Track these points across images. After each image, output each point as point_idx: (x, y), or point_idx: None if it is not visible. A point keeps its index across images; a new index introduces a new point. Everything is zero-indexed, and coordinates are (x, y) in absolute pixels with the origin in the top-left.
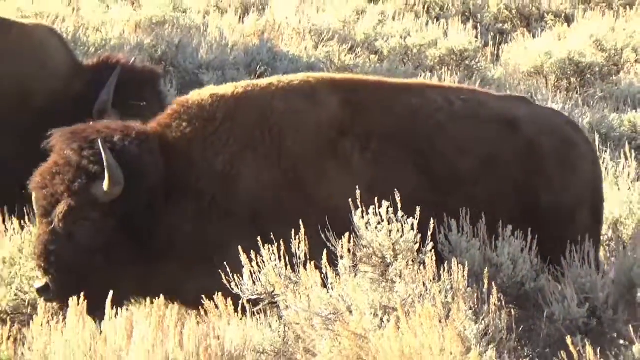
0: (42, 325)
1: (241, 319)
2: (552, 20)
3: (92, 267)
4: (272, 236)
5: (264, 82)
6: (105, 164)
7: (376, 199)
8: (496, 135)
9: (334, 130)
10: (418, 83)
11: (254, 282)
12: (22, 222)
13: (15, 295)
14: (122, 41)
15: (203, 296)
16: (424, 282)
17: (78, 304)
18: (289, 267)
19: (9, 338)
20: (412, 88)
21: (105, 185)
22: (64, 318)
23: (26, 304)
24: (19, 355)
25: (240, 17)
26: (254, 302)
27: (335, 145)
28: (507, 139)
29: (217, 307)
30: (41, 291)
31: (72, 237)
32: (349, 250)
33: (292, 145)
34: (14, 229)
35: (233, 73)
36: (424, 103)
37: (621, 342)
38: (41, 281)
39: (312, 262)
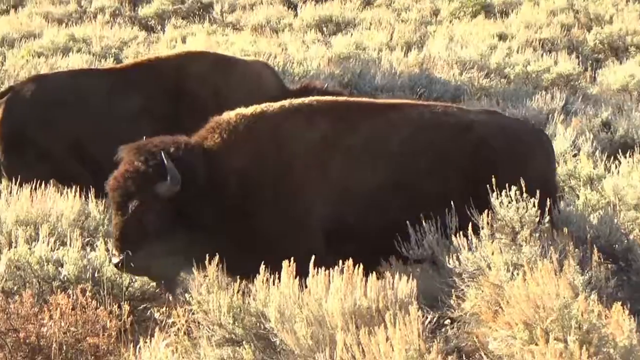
0: (262, 282)
1: (409, 275)
2: (634, 50)
3: (155, 247)
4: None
5: (279, 104)
6: (167, 169)
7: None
8: (452, 137)
9: (325, 142)
10: (402, 102)
11: (418, 247)
12: None
13: None
14: (318, 72)
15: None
16: (543, 245)
17: (289, 265)
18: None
19: (238, 291)
20: (395, 106)
21: (168, 184)
22: (279, 277)
23: None
24: (246, 304)
25: (404, 53)
26: (418, 262)
27: (325, 154)
28: (461, 140)
29: (390, 265)
30: (118, 266)
31: (140, 224)
32: (487, 223)
33: (292, 154)
34: None
35: (400, 94)
36: (401, 117)
37: None
38: (117, 258)
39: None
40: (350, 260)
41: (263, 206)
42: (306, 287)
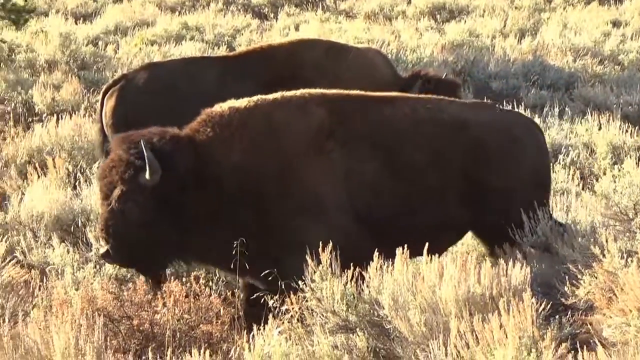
0: (376, 269)
1: (523, 262)
2: None
3: (139, 237)
4: (270, 214)
5: (271, 96)
6: (146, 159)
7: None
8: (447, 134)
9: (321, 133)
10: (394, 96)
11: (532, 234)
12: None
13: None
14: (431, 59)
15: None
16: None
17: (402, 252)
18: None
19: (352, 278)
20: (387, 100)
21: (147, 174)
22: (392, 264)
23: None
24: (360, 291)
25: (518, 40)
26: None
27: (321, 144)
28: (456, 136)
29: (504, 252)
30: (104, 256)
31: (124, 214)
32: (601, 214)
33: (287, 145)
34: None
35: (513, 81)
36: (394, 111)
37: None
38: (103, 248)
39: None
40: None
41: (270, 199)
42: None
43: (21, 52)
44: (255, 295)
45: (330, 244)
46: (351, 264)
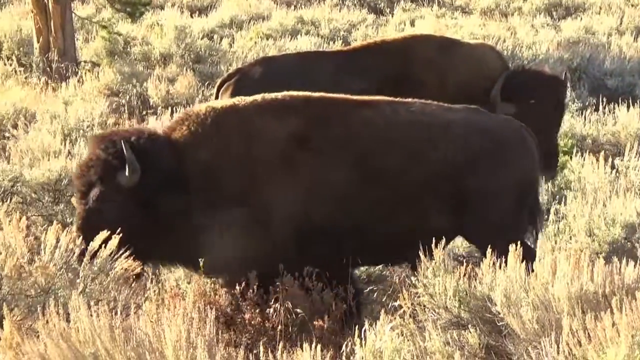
0: (489, 265)
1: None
2: None
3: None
4: (237, 219)
5: (251, 98)
6: (126, 159)
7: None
8: (429, 136)
9: (292, 142)
10: (378, 99)
11: None
12: None
13: (469, 245)
14: (547, 56)
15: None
16: None
17: (515, 249)
18: None
19: (464, 275)
20: (370, 103)
21: (126, 173)
22: (506, 261)
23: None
24: (472, 287)
25: (634, 38)
26: None
27: (291, 153)
28: (439, 139)
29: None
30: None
31: (102, 213)
32: None
33: (255, 151)
34: None
35: (629, 79)
36: (374, 114)
37: None
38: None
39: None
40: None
41: (227, 202)
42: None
43: (136, 45)
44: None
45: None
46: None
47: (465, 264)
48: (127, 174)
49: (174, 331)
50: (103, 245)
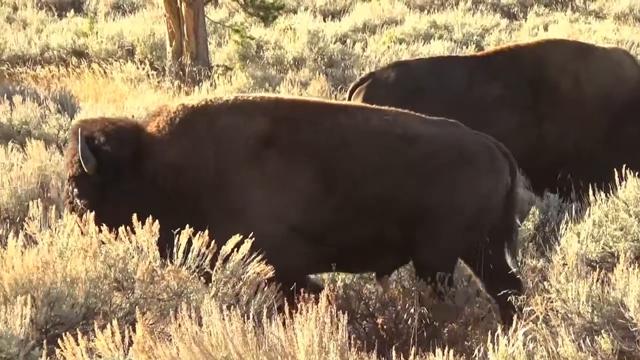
0: (622, 270)
1: None
2: None
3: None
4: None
5: (224, 97)
6: (80, 150)
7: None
8: (394, 147)
9: (260, 142)
10: (353, 104)
11: None
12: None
13: (602, 248)
14: None
15: None
16: None
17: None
18: None
19: (597, 280)
20: (344, 109)
21: (82, 162)
22: (639, 265)
23: (611, 254)
24: (605, 293)
25: None
26: None
27: (259, 153)
28: (403, 151)
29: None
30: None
31: (74, 196)
32: None
33: (223, 151)
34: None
35: None
36: (344, 120)
37: None
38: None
39: None
40: None
41: (201, 202)
42: None
43: (269, 49)
44: (502, 293)
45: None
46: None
47: (598, 269)
48: (82, 162)
49: (306, 335)
50: (235, 249)
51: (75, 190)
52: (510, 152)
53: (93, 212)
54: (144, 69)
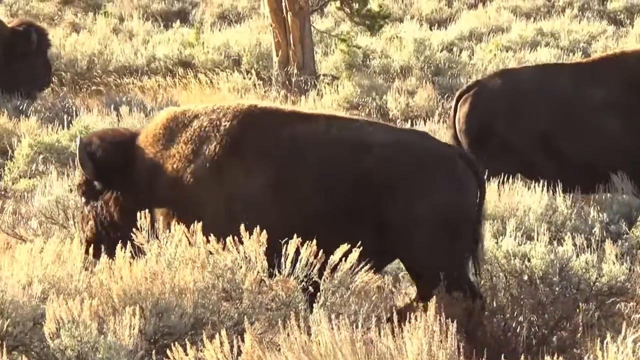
0: None
1: None
2: None
3: (90, 219)
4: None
5: (210, 105)
6: (78, 157)
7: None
8: (348, 156)
9: (225, 148)
10: (321, 114)
11: None
12: None
13: None
14: None
15: None
16: None
17: None
18: None
19: None
20: (309, 117)
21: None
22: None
23: None
24: None
25: None
26: None
27: (223, 159)
28: (358, 160)
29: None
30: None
31: (80, 196)
32: None
33: (198, 156)
34: None
35: None
36: (305, 129)
37: None
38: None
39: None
40: None
41: (165, 201)
42: None
43: (376, 57)
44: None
45: None
46: None
47: None
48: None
49: (415, 344)
50: (343, 258)
51: (83, 197)
52: (477, 162)
53: (94, 210)
54: (250, 78)
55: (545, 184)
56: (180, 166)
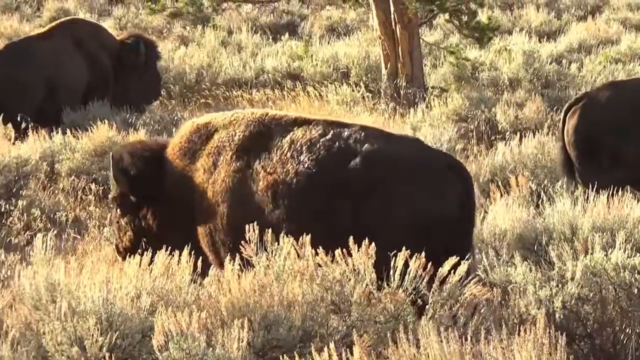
0: None
1: None
2: None
3: (128, 230)
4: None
5: (229, 114)
6: (112, 171)
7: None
8: (335, 162)
9: (237, 156)
10: (320, 119)
11: None
12: None
13: None
14: None
15: None
16: None
17: None
18: None
19: None
20: (307, 123)
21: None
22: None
23: None
24: None
25: None
26: None
27: (234, 166)
28: (343, 167)
29: None
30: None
31: (116, 208)
32: None
33: (220, 162)
34: None
35: None
36: (299, 135)
37: None
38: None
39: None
40: None
41: (186, 210)
42: None
43: (485, 70)
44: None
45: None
46: None
47: None
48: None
49: (524, 357)
50: (452, 270)
51: (118, 210)
52: (467, 172)
53: (129, 223)
54: (359, 91)
55: None
56: (205, 178)
